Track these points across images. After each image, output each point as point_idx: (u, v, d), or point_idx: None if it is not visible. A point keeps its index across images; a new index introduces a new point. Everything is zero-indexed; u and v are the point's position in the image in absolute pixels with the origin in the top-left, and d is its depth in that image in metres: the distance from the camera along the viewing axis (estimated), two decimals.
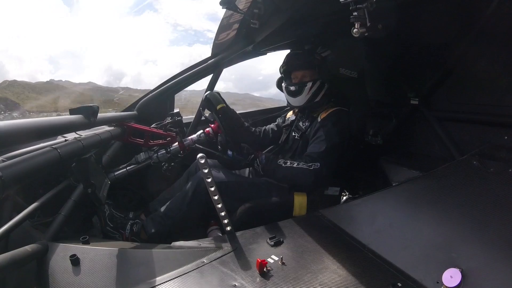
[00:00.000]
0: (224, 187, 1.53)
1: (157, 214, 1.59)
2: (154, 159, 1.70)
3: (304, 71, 1.74)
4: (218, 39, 2.01)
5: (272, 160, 1.60)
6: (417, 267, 0.89)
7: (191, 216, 1.58)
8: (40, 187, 1.35)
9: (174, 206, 1.58)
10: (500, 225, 0.89)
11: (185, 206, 1.55)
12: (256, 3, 1.52)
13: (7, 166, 0.76)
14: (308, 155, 1.59)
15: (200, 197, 1.53)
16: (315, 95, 1.73)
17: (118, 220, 1.57)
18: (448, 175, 1.28)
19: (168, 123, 1.72)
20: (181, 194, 1.61)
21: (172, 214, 1.56)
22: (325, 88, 1.73)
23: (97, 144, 1.35)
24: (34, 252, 0.96)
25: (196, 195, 1.54)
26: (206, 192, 1.19)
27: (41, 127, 0.93)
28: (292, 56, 1.80)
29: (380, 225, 1.11)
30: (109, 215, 1.57)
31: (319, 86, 1.71)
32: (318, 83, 1.71)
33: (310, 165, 1.53)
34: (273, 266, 0.99)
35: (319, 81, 1.71)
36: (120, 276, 0.99)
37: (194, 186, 1.56)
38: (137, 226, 1.56)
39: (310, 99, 1.73)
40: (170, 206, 1.59)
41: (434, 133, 1.82)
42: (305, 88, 1.71)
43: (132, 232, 1.54)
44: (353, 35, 1.01)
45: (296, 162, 1.56)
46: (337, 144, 1.59)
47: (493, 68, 1.49)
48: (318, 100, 1.73)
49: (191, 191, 1.56)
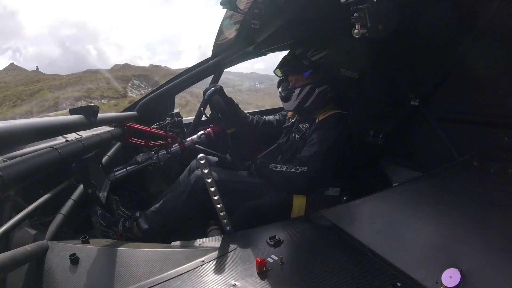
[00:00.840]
0: (223, 186, 1.53)
1: (151, 210, 1.59)
2: (155, 159, 1.70)
3: (293, 76, 1.75)
4: (219, 39, 2.01)
5: (265, 165, 1.60)
6: (416, 267, 0.89)
7: (186, 214, 1.57)
8: (40, 187, 1.35)
9: (169, 203, 1.57)
10: (500, 226, 0.89)
11: (180, 203, 1.54)
12: (257, 3, 1.52)
13: (8, 166, 0.76)
14: (298, 159, 1.59)
15: (197, 196, 1.52)
16: (304, 100, 1.71)
17: (110, 219, 1.57)
18: (448, 175, 1.28)
19: (169, 123, 1.72)
20: (177, 191, 1.60)
21: (166, 210, 1.55)
22: (315, 93, 1.70)
23: (97, 144, 1.35)
24: (34, 251, 0.96)
25: (193, 194, 1.53)
26: (203, 191, 1.19)
27: (42, 128, 0.94)
28: (283, 61, 1.81)
29: (380, 226, 1.11)
30: (101, 214, 1.58)
31: (308, 91, 1.69)
32: (307, 88, 1.69)
33: (297, 168, 1.53)
34: (272, 265, 0.99)
35: (308, 86, 1.69)
36: (119, 275, 0.99)
37: (191, 184, 1.55)
38: (129, 221, 1.57)
39: (299, 104, 1.73)
40: (164, 203, 1.58)
41: (434, 134, 1.82)
42: (293, 94, 1.71)
43: (125, 228, 1.55)
44: (354, 36, 1.01)
45: (285, 166, 1.56)
46: (329, 148, 1.57)
47: (494, 68, 1.48)
48: (308, 105, 1.72)
49: (188, 189, 1.55)
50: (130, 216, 1.62)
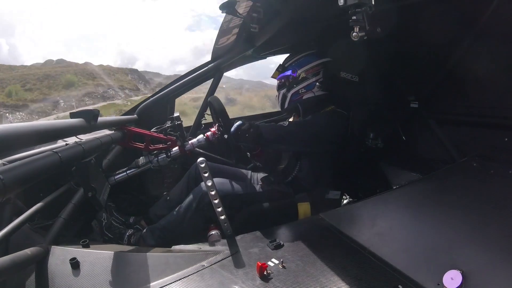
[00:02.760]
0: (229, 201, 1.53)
1: (157, 227, 1.56)
2: (154, 163, 1.70)
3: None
4: (218, 43, 2.02)
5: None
6: (418, 269, 0.88)
7: (193, 230, 1.55)
8: (41, 191, 1.35)
9: (175, 220, 1.55)
10: (501, 227, 0.89)
11: (187, 221, 1.52)
12: (256, 7, 1.53)
13: (8, 170, 0.76)
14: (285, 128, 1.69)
15: (203, 213, 1.50)
16: (283, 102, 1.87)
17: (116, 230, 1.55)
18: (448, 177, 1.28)
19: (168, 127, 1.72)
20: (183, 206, 1.57)
21: (173, 227, 1.53)
22: (288, 96, 1.82)
23: (97, 148, 1.35)
24: (34, 255, 0.96)
25: (199, 210, 1.52)
26: (210, 209, 1.20)
27: (42, 131, 0.94)
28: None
29: (380, 228, 1.11)
30: (107, 224, 1.55)
31: (282, 96, 1.85)
32: (281, 93, 1.85)
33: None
34: (273, 269, 0.98)
35: (282, 92, 1.85)
36: (120, 279, 0.98)
37: (197, 200, 1.53)
38: (135, 237, 1.54)
39: (281, 106, 1.90)
40: (170, 219, 1.56)
41: (434, 136, 1.82)
42: (276, 98, 1.91)
43: (130, 243, 1.53)
44: (352, 38, 1.02)
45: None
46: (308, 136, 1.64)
47: (493, 70, 1.49)
48: (286, 106, 1.86)
49: (194, 204, 1.53)
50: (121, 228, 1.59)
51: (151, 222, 1.69)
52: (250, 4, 1.54)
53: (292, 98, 1.81)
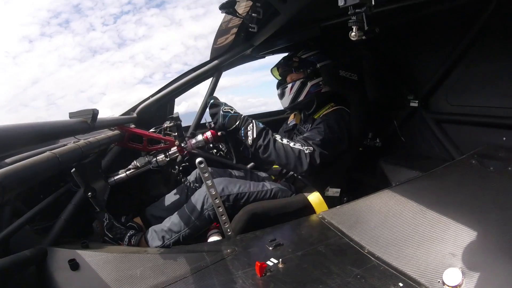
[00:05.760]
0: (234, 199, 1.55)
1: (161, 227, 1.55)
2: (153, 163, 1.69)
3: (286, 74, 1.87)
4: (217, 43, 2.02)
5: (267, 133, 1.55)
6: (417, 267, 0.89)
7: (199, 231, 1.55)
8: (40, 192, 1.35)
9: (180, 222, 1.54)
10: (501, 224, 0.90)
11: (192, 224, 1.52)
12: (255, 7, 1.53)
13: (7, 171, 0.76)
14: (304, 138, 1.59)
15: (208, 213, 1.50)
16: (298, 94, 1.79)
17: (117, 231, 1.55)
18: (447, 174, 1.29)
19: (167, 127, 1.71)
20: (188, 208, 1.56)
21: (179, 229, 1.52)
22: (307, 86, 1.77)
23: (96, 148, 1.35)
24: (33, 256, 0.96)
25: (204, 212, 1.51)
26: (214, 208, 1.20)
27: (41, 131, 0.93)
28: (277, 66, 1.93)
29: (380, 226, 1.11)
30: (108, 224, 1.55)
31: (299, 86, 1.78)
32: (298, 83, 1.78)
33: (306, 148, 1.53)
34: (272, 268, 0.99)
35: (299, 81, 1.78)
36: (119, 280, 0.98)
37: (202, 201, 1.53)
38: (136, 238, 1.54)
39: (293, 98, 1.81)
40: (175, 221, 1.54)
41: (433, 135, 1.83)
42: (286, 89, 1.81)
43: (130, 244, 1.52)
44: (351, 38, 1.02)
45: (292, 142, 1.54)
46: (336, 138, 1.61)
47: (492, 70, 1.49)
48: (302, 99, 1.79)
49: (199, 206, 1.52)
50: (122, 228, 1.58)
51: (147, 222, 1.68)
52: (249, 4, 1.54)
53: (311, 90, 1.78)
